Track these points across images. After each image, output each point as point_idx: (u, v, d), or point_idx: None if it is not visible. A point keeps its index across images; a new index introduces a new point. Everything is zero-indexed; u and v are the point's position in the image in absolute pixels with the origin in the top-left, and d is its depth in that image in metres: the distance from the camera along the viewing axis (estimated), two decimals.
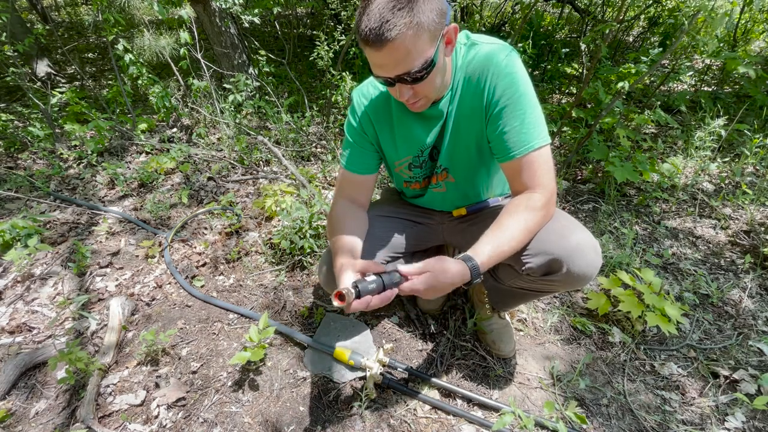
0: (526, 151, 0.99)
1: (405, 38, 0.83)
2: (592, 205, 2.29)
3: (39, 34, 3.01)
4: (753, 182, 2.40)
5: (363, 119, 1.18)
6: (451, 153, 1.15)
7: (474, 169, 1.19)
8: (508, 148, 1.00)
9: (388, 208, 1.39)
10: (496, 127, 1.01)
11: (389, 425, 1.25)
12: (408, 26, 0.82)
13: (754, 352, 1.46)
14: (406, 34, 0.82)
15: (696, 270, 1.82)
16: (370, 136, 1.21)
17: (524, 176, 1.01)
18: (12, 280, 1.83)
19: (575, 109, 2.70)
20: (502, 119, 1.00)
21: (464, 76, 1.03)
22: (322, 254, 1.31)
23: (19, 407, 1.34)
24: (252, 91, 3.31)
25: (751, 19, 4.30)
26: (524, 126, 0.98)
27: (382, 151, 1.24)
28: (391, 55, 0.85)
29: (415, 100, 0.98)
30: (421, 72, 0.89)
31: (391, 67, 0.88)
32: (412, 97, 0.96)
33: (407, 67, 0.88)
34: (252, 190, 2.51)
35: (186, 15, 2.76)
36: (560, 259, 1.01)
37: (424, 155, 1.19)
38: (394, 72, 0.89)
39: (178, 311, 1.69)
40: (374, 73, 0.93)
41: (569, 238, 1.02)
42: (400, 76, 0.90)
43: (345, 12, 2.92)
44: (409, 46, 0.84)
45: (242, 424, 1.27)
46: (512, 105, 0.98)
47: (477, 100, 1.03)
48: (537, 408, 1.30)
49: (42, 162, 2.81)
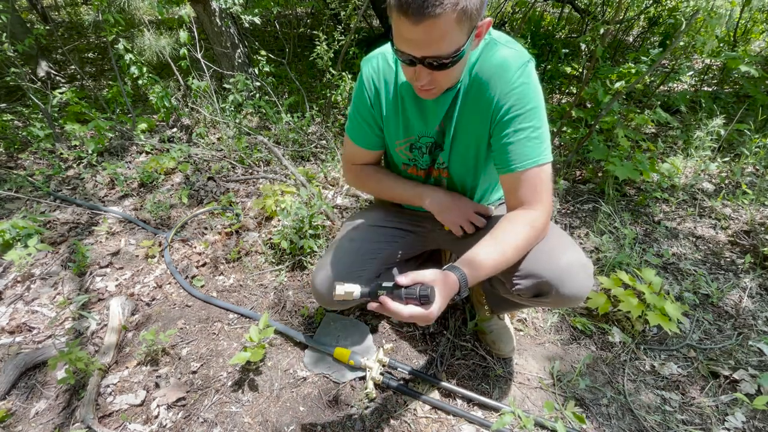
0: (529, 165, 0.96)
1: (448, 19, 0.76)
2: (592, 205, 2.29)
3: (39, 34, 3.00)
4: (753, 182, 2.40)
5: (371, 93, 1.12)
6: (450, 146, 1.12)
7: (470, 169, 1.16)
8: (510, 160, 0.98)
9: (380, 216, 1.35)
10: (501, 136, 0.98)
11: (389, 425, 1.25)
12: (454, 8, 0.75)
13: (754, 352, 1.46)
14: (450, 16, 0.75)
15: (696, 270, 1.82)
16: (376, 110, 1.15)
17: (523, 191, 0.99)
18: (12, 280, 1.83)
19: (575, 109, 2.70)
20: (508, 129, 0.97)
21: (477, 74, 0.99)
22: (318, 262, 1.26)
23: (19, 407, 1.34)
24: (252, 91, 3.30)
25: (750, 19, 4.30)
26: (530, 140, 0.96)
27: (384, 127, 1.18)
28: (428, 33, 0.77)
29: (430, 87, 0.92)
30: (448, 59, 0.82)
31: (421, 45, 0.80)
32: (428, 83, 0.90)
33: (438, 50, 0.81)
34: (252, 190, 2.51)
35: (186, 15, 2.76)
36: (550, 281, 1.00)
37: (421, 142, 1.15)
38: (422, 52, 0.82)
39: (178, 311, 1.69)
40: (398, 47, 0.85)
41: (559, 260, 1.00)
42: (426, 57, 0.83)
43: (345, 12, 2.92)
44: (448, 29, 0.77)
45: (242, 424, 1.27)
46: (520, 117, 0.95)
47: (484, 102, 0.99)
48: (537, 408, 1.30)
49: (42, 162, 2.81)
